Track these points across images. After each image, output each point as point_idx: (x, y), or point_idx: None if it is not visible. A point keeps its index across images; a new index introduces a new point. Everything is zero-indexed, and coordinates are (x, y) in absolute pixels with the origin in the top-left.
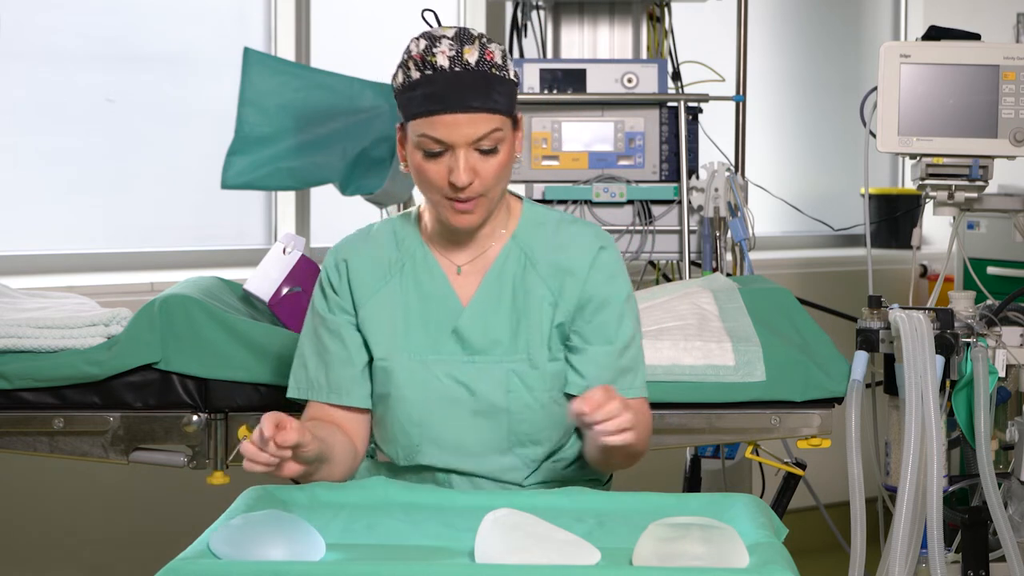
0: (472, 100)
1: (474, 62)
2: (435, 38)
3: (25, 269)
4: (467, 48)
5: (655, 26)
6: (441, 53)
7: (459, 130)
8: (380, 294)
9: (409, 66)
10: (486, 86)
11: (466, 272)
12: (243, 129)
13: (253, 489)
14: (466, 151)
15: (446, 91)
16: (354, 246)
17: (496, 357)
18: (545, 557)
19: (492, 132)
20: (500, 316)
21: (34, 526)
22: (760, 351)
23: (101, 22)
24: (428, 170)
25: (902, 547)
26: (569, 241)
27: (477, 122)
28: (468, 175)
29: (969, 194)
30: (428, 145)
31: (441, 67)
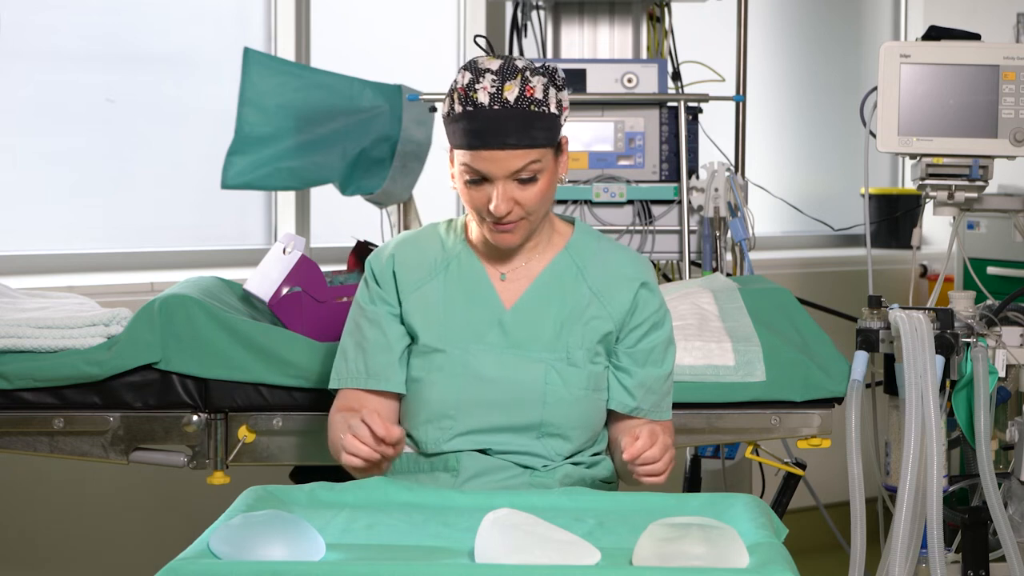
0: (509, 138)
1: (513, 100)
2: (479, 71)
3: (25, 269)
4: (508, 85)
5: (655, 26)
6: (483, 89)
7: (496, 164)
8: (425, 288)
9: (454, 98)
10: (524, 123)
11: (511, 279)
12: (243, 129)
13: (253, 489)
14: (504, 182)
15: (484, 129)
16: (401, 244)
17: (536, 352)
18: (545, 557)
19: (529, 164)
20: (545, 317)
21: (34, 526)
22: (760, 351)
23: (101, 22)
24: (470, 196)
25: (902, 547)
26: (621, 263)
27: (514, 157)
28: (506, 205)
29: (969, 194)
30: (468, 174)
31: (481, 104)
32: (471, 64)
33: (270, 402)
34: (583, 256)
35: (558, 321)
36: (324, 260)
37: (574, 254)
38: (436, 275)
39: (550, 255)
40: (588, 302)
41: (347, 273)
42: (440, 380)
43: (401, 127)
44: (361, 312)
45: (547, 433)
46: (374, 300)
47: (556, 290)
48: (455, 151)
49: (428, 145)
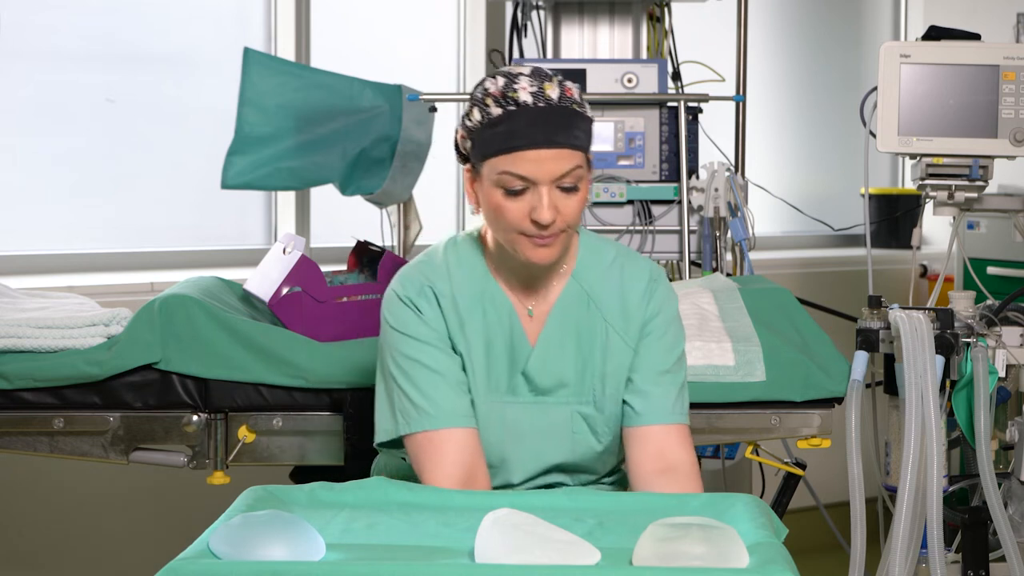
0: (556, 135)
1: (556, 98)
2: (512, 75)
3: (25, 269)
4: (547, 84)
5: (655, 26)
6: (522, 89)
7: (543, 166)
8: (466, 330)
9: (488, 103)
10: (569, 122)
11: (536, 313)
12: (243, 129)
13: (253, 489)
14: (549, 188)
15: (530, 127)
16: (435, 273)
17: (562, 398)
18: (545, 557)
19: (574, 169)
20: (565, 358)
21: (34, 526)
22: (760, 351)
23: (101, 22)
24: (508, 208)
25: (902, 547)
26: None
27: (561, 158)
28: (552, 213)
29: (969, 194)
30: (510, 183)
31: (524, 103)
32: (497, 72)
33: (270, 402)
34: (591, 281)
35: (579, 359)
36: (324, 260)
37: (582, 281)
38: (472, 312)
39: (561, 283)
40: (605, 334)
41: (347, 273)
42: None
43: (401, 127)
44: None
45: (574, 470)
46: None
47: (571, 324)
48: (489, 162)
49: (428, 145)
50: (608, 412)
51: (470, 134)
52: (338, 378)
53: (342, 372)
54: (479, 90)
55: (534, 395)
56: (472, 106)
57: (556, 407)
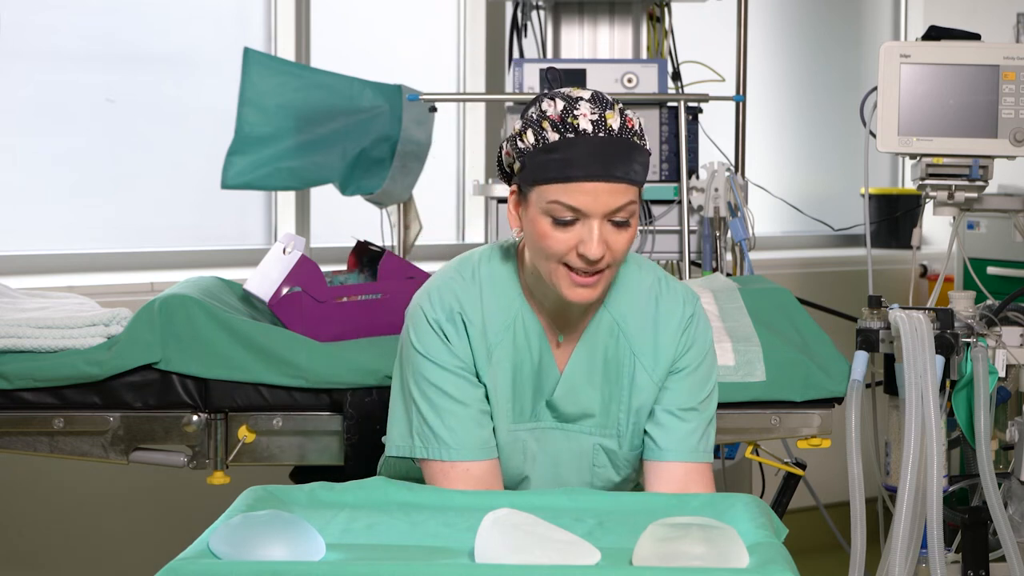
0: (615, 169)
1: (617, 128)
2: (572, 99)
3: (25, 269)
4: (609, 113)
5: (655, 26)
6: (583, 116)
7: (598, 199)
8: (494, 356)
9: (544, 126)
10: (628, 155)
11: (565, 341)
12: (243, 129)
13: (253, 489)
14: (600, 222)
15: (589, 158)
16: (466, 296)
17: (586, 428)
18: (545, 557)
19: (628, 204)
20: (591, 389)
21: (34, 526)
22: (760, 351)
23: (101, 22)
24: (555, 239)
25: (902, 547)
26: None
27: (616, 192)
28: (601, 248)
29: (969, 194)
30: (560, 213)
31: (584, 131)
32: (555, 94)
33: (270, 402)
34: (623, 312)
35: (606, 391)
36: (324, 260)
37: (614, 311)
38: (502, 339)
39: (593, 311)
40: (632, 368)
41: (347, 273)
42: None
43: (401, 127)
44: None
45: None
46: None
47: (599, 354)
48: (539, 188)
49: (428, 145)
50: (629, 446)
51: (521, 156)
52: (338, 378)
53: (342, 372)
54: (535, 111)
55: (558, 421)
56: (526, 126)
57: (579, 436)
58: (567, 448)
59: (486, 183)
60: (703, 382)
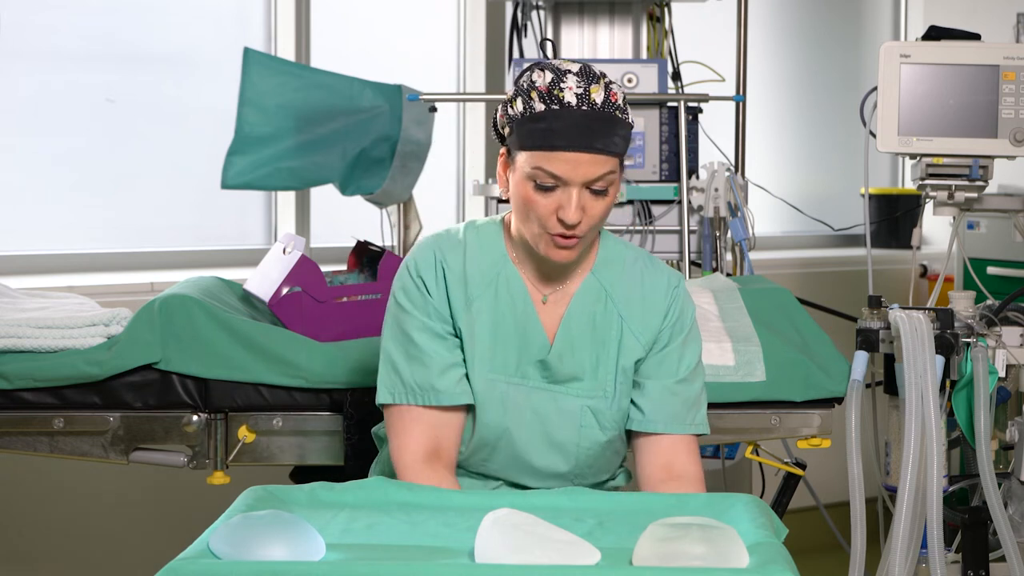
0: (595, 141)
1: (600, 102)
2: (560, 72)
3: (25, 269)
4: (594, 87)
5: (655, 26)
6: (568, 89)
7: (577, 169)
8: (474, 307)
9: (532, 96)
10: (609, 128)
11: (550, 302)
12: (243, 129)
13: (253, 489)
14: (579, 190)
15: (571, 129)
16: (451, 249)
17: (575, 390)
18: (545, 557)
19: (607, 174)
20: (582, 351)
21: (34, 526)
22: (760, 351)
23: (101, 22)
24: (536, 202)
25: (902, 547)
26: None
27: (595, 163)
28: (578, 214)
29: (969, 194)
30: (542, 178)
31: (568, 103)
32: (545, 64)
33: (270, 402)
34: (610, 279)
35: (594, 353)
36: (324, 260)
37: (600, 278)
38: (483, 292)
39: (581, 277)
40: (620, 331)
41: (347, 273)
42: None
43: (401, 127)
44: (419, 325)
45: (579, 473)
46: (430, 314)
47: (587, 318)
48: (524, 154)
49: (428, 145)
50: (617, 407)
51: (510, 121)
52: (338, 378)
53: (342, 372)
54: (525, 79)
55: (547, 383)
56: (516, 94)
57: (567, 398)
58: (555, 409)
59: (486, 183)
60: (691, 355)
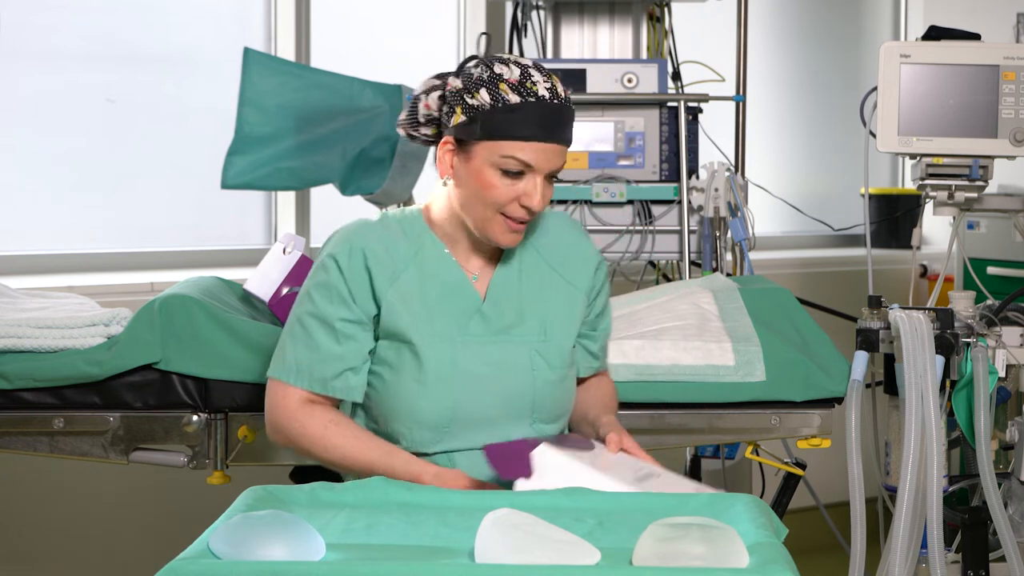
0: (563, 132)
1: (563, 96)
2: (523, 67)
3: (25, 269)
4: (555, 80)
5: (655, 26)
6: (539, 84)
7: (548, 158)
8: (400, 281)
9: (502, 88)
10: (570, 120)
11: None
12: (243, 129)
13: (253, 489)
14: (542, 178)
15: (547, 121)
16: (366, 234)
17: (519, 336)
18: (545, 557)
19: (564, 163)
20: (518, 298)
21: (34, 526)
22: (760, 351)
23: (101, 22)
24: (500, 189)
25: (902, 547)
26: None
27: (559, 153)
28: (542, 200)
29: (969, 194)
30: (511, 165)
31: (542, 97)
32: (499, 59)
33: None
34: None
35: (530, 299)
36: None
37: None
38: (408, 266)
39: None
40: (548, 276)
41: None
42: (433, 384)
43: None
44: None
45: (539, 419)
46: (347, 302)
47: (515, 271)
48: (492, 143)
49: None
50: (560, 346)
51: (471, 111)
52: None
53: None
54: (486, 73)
55: (491, 335)
56: (477, 86)
57: (513, 345)
58: (504, 357)
59: None
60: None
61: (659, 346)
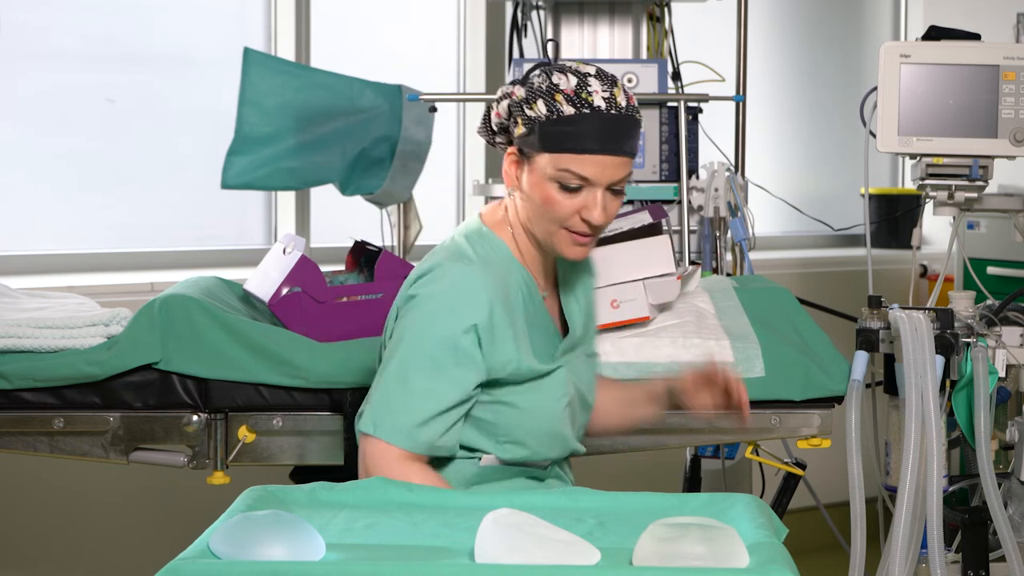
0: (623, 143)
1: (624, 105)
2: (582, 75)
3: (25, 269)
4: (616, 90)
5: (655, 26)
6: (596, 92)
7: (606, 171)
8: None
9: (557, 99)
10: (632, 130)
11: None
12: (243, 129)
13: (253, 489)
14: (603, 191)
15: (603, 133)
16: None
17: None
18: (545, 557)
19: (627, 175)
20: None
21: (34, 526)
22: (758, 347)
23: (101, 22)
24: (560, 203)
25: (902, 547)
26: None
27: (621, 165)
28: (604, 214)
29: (969, 194)
30: (569, 180)
31: (598, 108)
32: (562, 67)
33: (270, 402)
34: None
35: (583, 314)
36: (324, 260)
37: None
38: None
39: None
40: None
41: (346, 273)
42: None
43: (401, 127)
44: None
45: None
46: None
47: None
48: (549, 156)
49: (428, 145)
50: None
51: (529, 123)
52: (338, 378)
53: (342, 372)
54: (544, 82)
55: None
56: (536, 96)
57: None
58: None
59: (486, 183)
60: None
61: (658, 343)
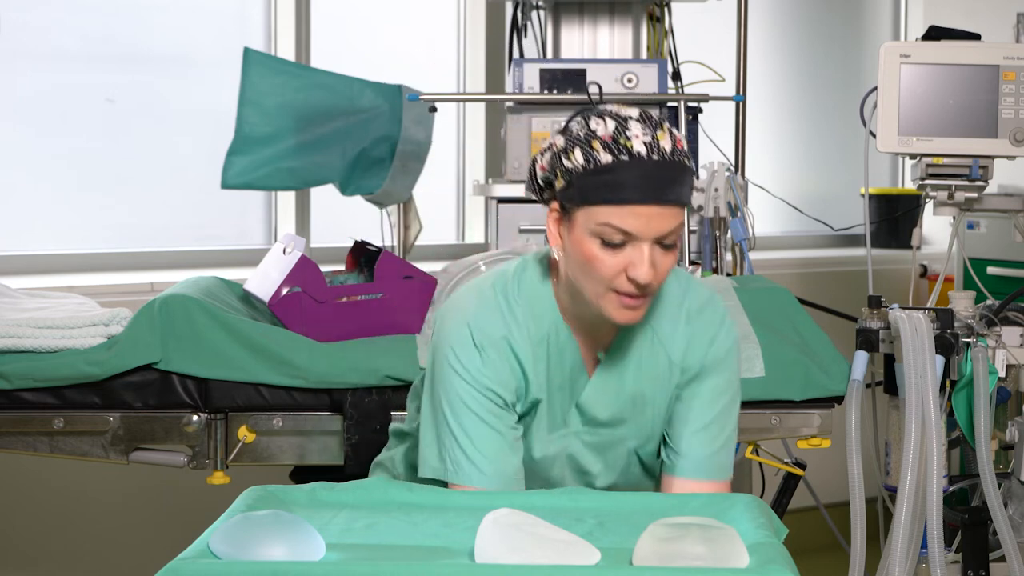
0: (668, 192)
1: (669, 150)
2: (621, 119)
3: (25, 269)
4: (660, 133)
5: (655, 26)
6: (635, 137)
7: (650, 223)
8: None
9: (595, 147)
10: (680, 177)
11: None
12: (243, 129)
13: (253, 489)
14: (650, 246)
15: (643, 181)
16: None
17: (619, 434)
18: (545, 557)
19: (678, 227)
20: (623, 391)
21: (34, 526)
22: (759, 348)
23: (101, 22)
24: (603, 261)
25: (902, 547)
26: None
27: (667, 216)
28: (651, 272)
29: (969, 194)
30: (610, 235)
31: (638, 153)
32: (601, 111)
33: (270, 402)
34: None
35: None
36: (324, 260)
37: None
38: (539, 353)
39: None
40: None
41: (346, 273)
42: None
43: (401, 127)
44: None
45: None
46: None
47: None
48: (587, 209)
49: (428, 145)
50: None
51: (567, 175)
52: (338, 378)
53: (342, 372)
54: (582, 130)
55: (588, 427)
56: (572, 145)
57: (612, 444)
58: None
59: (486, 183)
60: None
61: None
